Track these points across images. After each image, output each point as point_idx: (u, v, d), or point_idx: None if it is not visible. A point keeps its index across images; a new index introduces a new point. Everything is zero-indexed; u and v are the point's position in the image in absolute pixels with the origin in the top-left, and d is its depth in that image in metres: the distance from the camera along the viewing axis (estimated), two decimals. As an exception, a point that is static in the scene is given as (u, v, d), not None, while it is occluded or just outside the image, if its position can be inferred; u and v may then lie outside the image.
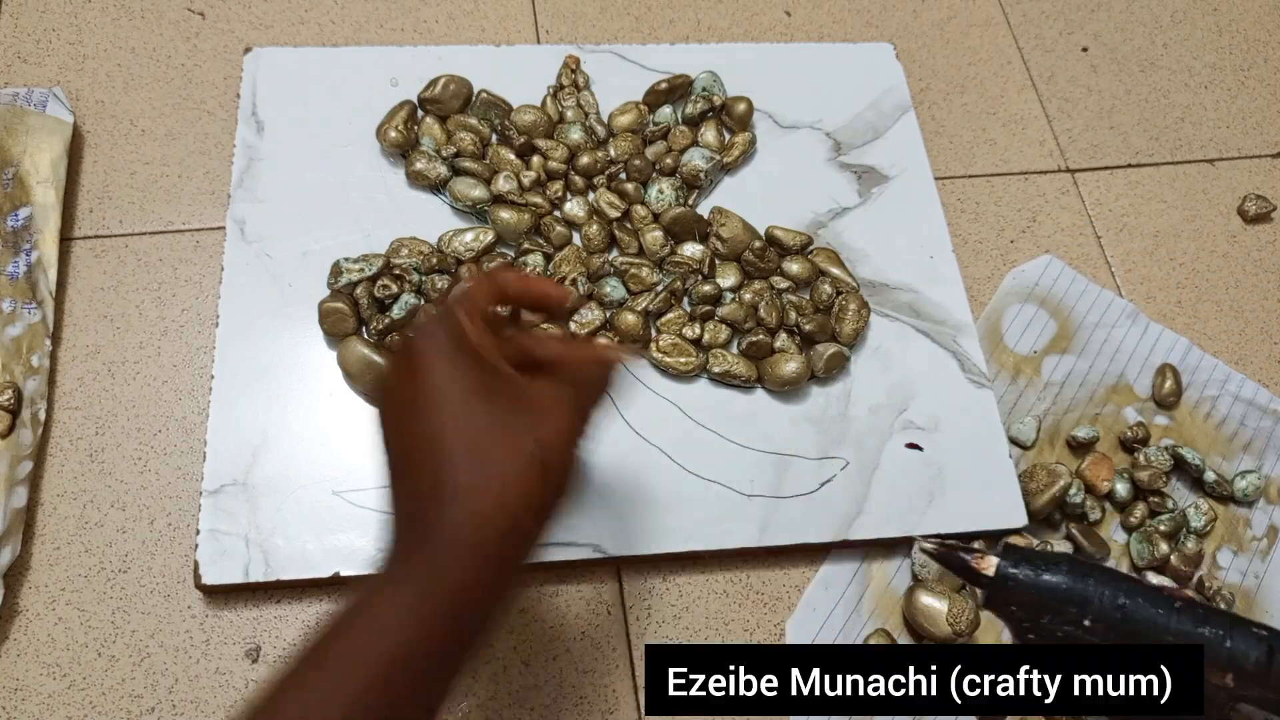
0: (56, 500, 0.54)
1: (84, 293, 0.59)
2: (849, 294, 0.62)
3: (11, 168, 0.59)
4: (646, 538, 0.55)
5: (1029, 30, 0.80)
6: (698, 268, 0.61)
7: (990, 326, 0.66)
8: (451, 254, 0.59)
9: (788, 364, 0.59)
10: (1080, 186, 0.73)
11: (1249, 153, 0.77)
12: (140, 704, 0.50)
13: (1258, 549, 0.61)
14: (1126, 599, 0.47)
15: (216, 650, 0.51)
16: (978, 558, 0.48)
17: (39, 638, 0.51)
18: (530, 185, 0.62)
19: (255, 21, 0.70)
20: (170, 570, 0.53)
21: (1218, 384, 0.66)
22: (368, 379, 0.55)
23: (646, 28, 0.74)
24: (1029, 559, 0.48)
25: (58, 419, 0.56)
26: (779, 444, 0.58)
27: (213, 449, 0.54)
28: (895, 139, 0.70)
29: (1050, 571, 0.47)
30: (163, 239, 0.62)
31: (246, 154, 0.62)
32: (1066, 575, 0.47)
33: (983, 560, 0.48)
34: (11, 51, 0.66)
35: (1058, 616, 0.47)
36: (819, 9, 0.77)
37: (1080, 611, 0.46)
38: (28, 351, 0.55)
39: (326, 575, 0.52)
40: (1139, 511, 0.60)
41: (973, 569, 0.47)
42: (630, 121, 0.66)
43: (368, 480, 0.54)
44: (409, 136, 0.63)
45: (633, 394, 0.59)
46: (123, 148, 0.64)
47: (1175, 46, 0.81)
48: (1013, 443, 0.62)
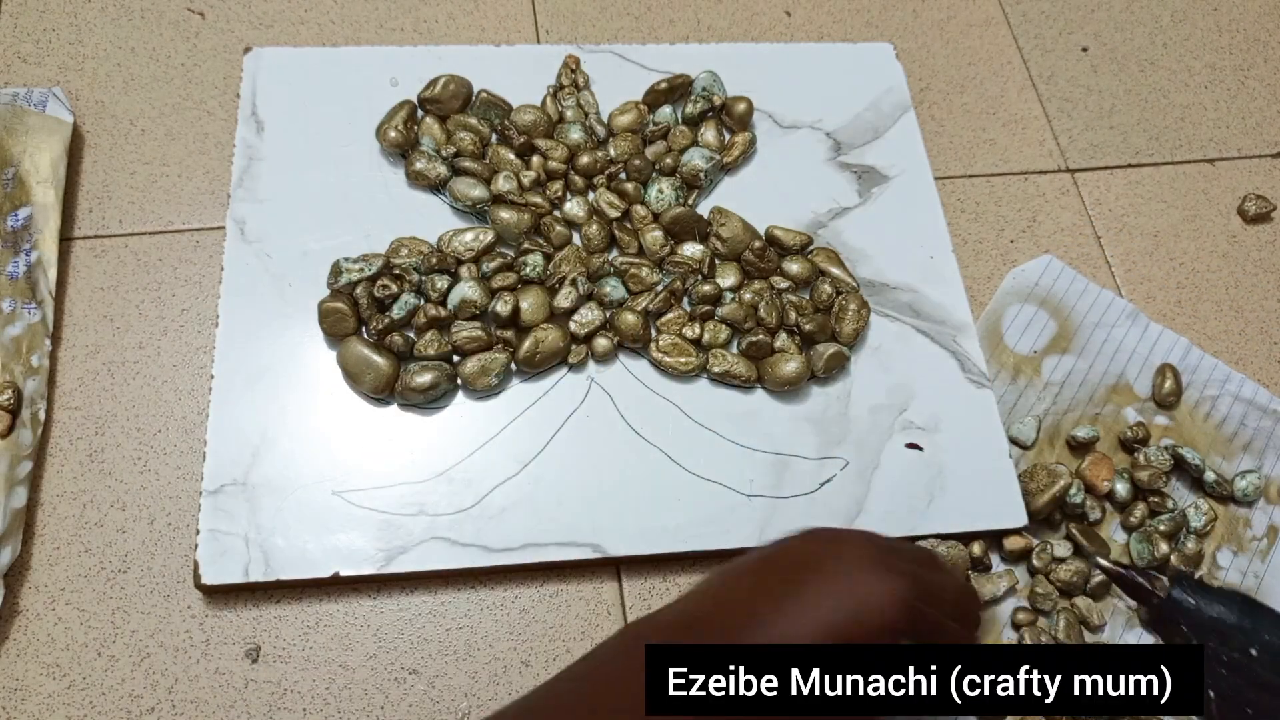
0: (56, 500, 0.54)
1: (84, 292, 0.59)
2: (849, 294, 0.62)
3: (11, 168, 0.59)
4: (646, 538, 0.55)
5: (1029, 30, 0.80)
6: (697, 268, 0.61)
7: (990, 326, 0.66)
8: (451, 254, 0.59)
9: (788, 364, 0.59)
10: (1080, 186, 0.74)
11: (1249, 152, 0.77)
12: (140, 704, 0.50)
13: (1258, 549, 0.61)
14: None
15: (216, 650, 0.51)
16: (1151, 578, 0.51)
17: (39, 638, 0.51)
18: (530, 185, 0.62)
19: (255, 21, 0.70)
20: (170, 570, 0.53)
21: (1218, 384, 0.66)
22: (367, 379, 0.56)
23: (646, 27, 0.74)
24: (1203, 588, 0.51)
25: (57, 419, 0.56)
26: (779, 444, 0.58)
27: (212, 449, 0.54)
28: (895, 139, 0.70)
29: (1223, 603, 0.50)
30: (162, 239, 0.62)
31: (246, 154, 0.62)
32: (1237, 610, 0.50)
33: (1156, 582, 0.51)
34: (11, 51, 0.66)
35: (1225, 644, 0.50)
36: (819, 9, 0.77)
37: (1247, 641, 0.49)
38: (27, 351, 0.55)
39: (326, 575, 0.52)
40: (1139, 511, 0.60)
41: (1145, 589, 0.51)
42: (630, 121, 0.66)
43: (367, 480, 0.54)
44: (409, 136, 0.63)
45: (632, 393, 0.59)
46: (122, 148, 0.64)
47: (1175, 46, 0.81)
48: (1013, 443, 0.62)
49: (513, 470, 0.55)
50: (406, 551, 0.53)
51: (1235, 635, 0.49)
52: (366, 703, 0.51)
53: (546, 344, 0.57)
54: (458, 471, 0.55)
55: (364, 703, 0.51)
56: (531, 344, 0.57)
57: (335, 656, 0.52)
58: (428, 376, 0.55)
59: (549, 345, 0.57)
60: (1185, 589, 0.50)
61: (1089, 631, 0.57)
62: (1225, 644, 0.49)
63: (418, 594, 0.54)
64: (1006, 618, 0.57)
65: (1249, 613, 0.50)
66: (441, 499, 0.54)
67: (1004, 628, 0.57)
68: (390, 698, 0.51)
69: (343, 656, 0.52)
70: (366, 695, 0.51)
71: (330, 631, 0.53)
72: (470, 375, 0.56)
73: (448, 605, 0.54)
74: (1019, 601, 0.58)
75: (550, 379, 0.58)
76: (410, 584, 0.54)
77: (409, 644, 0.53)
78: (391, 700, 0.51)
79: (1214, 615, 0.50)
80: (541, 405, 0.58)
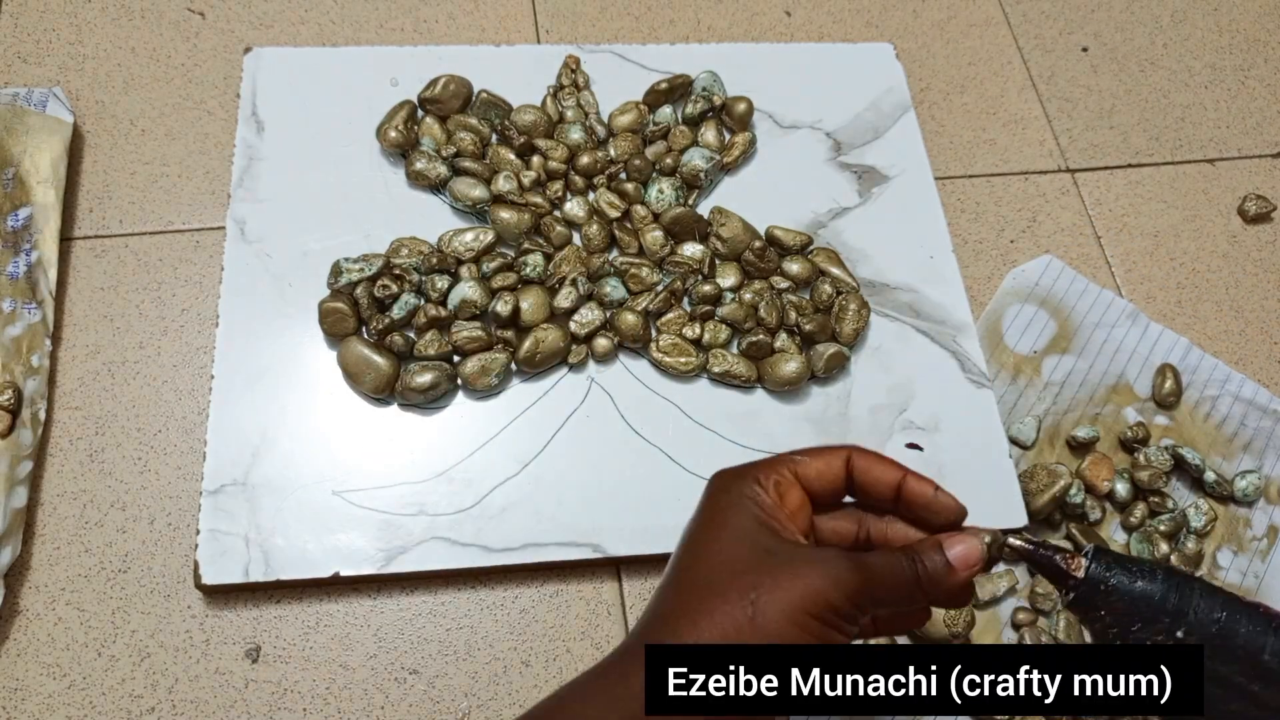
0: (56, 500, 0.54)
1: (84, 292, 0.59)
2: (849, 294, 0.61)
3: (12, 168, 0.59)
4: (647, 537, 0.55)
5: (1029, 30, 0.80)
6: (698, 268, 0.61)
7: (990, 326, 0.66)
8: (451, 254, 0.59)
9: (788, 364, 0.59)
10: (1080, 186, 0.73)
11: (1249, 152, 0.77)
12: (140, 704, 0.50)
13: (1257, 549, 0.61)
14: (1224, 614, 0.46)
15: (216, 650, 0.51)
16: (1067, 557, 0.47)
17: (39, 637, 0.51)
18: (530, 185, 0.62)
19: (255, 21, 0.70)
20: (170, 570, 0.53)
21: (1218, 384, 0.66)
22: (368, 379, 0.56)
23: (647, 27, 0.74)
24: (1123, 564, 0.47)
25: (58, 419, 0.56)
26: (779, 444, 0.58)
27: (213, 449, 0.54)
28: (895, 139, 0.70)
29: (1145, 579, 0.46)
30: (163, 239, 0.62)
31: (246, 154, 0.62)
32: (1162, 584, 0.46)
33: (1073, 561, 0.46)
34: (11, 51, 0.66)
35: (1150, 626, 0.46)
36: (819, 9, 0.77)
37: (1174, 623, 0.45)
38: (28, 351, 0.55)
39: (326, 575, 0.52)
40: (1139, 511, 0.60)
41: (1061, 569, 0.46)
42: (630, 121, 0.66)
43: (367, 480, 0.54)
44: (409, 136, 0.63)
45: (632, 393, 0.59)
46: (123, 148, 0.64)
47: (1175, 46, 0.81)
48: (1013, 443, 0.62)
49: (513, 470, 0.55)
50: (406, 551, 0.53)
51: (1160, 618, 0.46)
52: (367, 703, 0.51)
53: (547, 344, 0.57)
54: (458, 471, 0.55)
55: (364, 703, 0.51)
56: (532, 344, 0.57)
57: (335, 656, 0.52)
58: (428, 376, 0.55)
59: (549, 345, 0.57)
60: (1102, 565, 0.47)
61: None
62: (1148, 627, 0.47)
63: (418, 594, 0.54)
64: (1007, 618, 0.57)
65: (1175, 588, 0.47)
66: (442, 499, 0.54)
67: (1004, 628, 0.57)
68: (390, 698, 0.51)
69: (343, 656, 0.52)
70: (367, 695, 0.51)
71: (330, 631, 0.53)
72: (470, 375, 0.56)
73: (448, 605, 0.54)
74: (1019, 601, 0.58)
75: (550, 379, 0.58)
76: (410, 584, 0.54)
77: (409, 644, 0.53)
78: (391, 700, 0.51)
79: (1140, 594, 0.47)
80: (542, 405, 0.58)
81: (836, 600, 0.35)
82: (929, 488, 0.39)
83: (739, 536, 0.37)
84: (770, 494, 0.38)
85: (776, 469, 0.39)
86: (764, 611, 0.35)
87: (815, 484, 0.40)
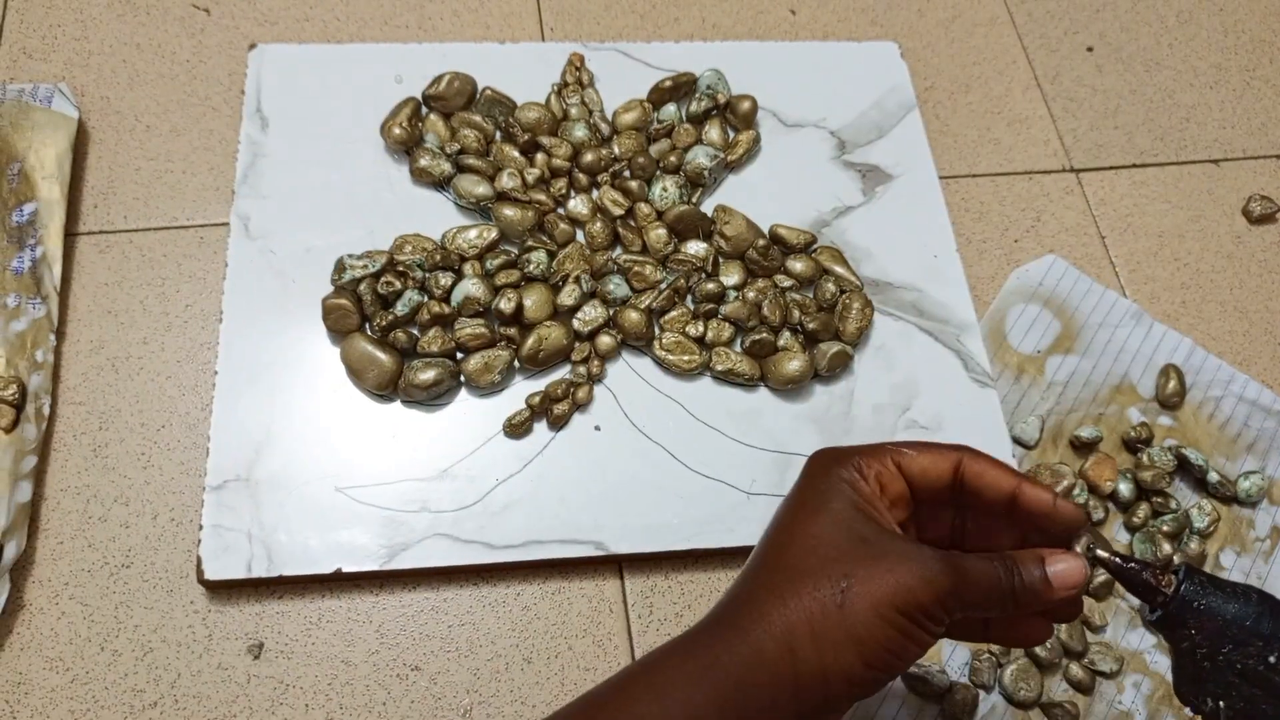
0: (60, 495, 0.54)
1: (88, 288, 0.60)
2: (853, 293, 0.61)
3: (17, 163, 0.59)
4: (649, 535, 0.55)
5: (1034, 30, 0.80)
6: (701, 266, 0.61)
7: (994, 326, 0.66)
8: (455, 251, 0.59)
9: (791, 362, 0.59)
10: (1085, 186, 0.73)
11: (1254, 153, 0.77)
12: (143, 699, 0.50)
13: (1261, 550, 0.61)
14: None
15: (219, 646, 0.51)
16: (1156, 573, 0.46)
17: (42, 632, 0.51)
18: (534, 182, 0.62)
19: (260, 18, 0.70)
20: (173, 565, 0.53)
21: (1221, 385, 0.66)
22: (371, 375, 0.56)
23: (651, 25, 0.74)
24: (1216, 584, 0.46)
25: (62, 414, 0.56)
26: (782, 442, 0.58)
27: (216, 444, 0.54)
28: (899, 138, 0.69)
29: (1240, 601, 0.45)
30: (167, 235, 0.62)
31: (251, 150, 0.62)
32: (1257, 607, 0.45)
33: (1163, 577, 0.46)
34: (17, 47, 0.66)
35: (1240, 649, 0.45)
36: (824, 8, 0.77)
37: (1266, 647, 0.45)
38: (32, 346, 0.55)
39: (329, 571, 0.52)
40: (1142, 512, 0.60)
41: (1151, 585, 0.45)
42: (634, 119, 0.66)
43: (370, 477, 0.54)
44: (413, 133, 0.63)
45: (636, 391, 0.59)
46: (127, 144, 0.64)
47: (1180, 46, 0.81)
48: (1016, 442, 0.62)
49: (515, 467, 0.56)
50: (409, 548, 0.53)
51: (1253, 641, 0.46)
52: (368, 699, 0.51)
53: (550, 341, 0.57)
54: (460, 468, 0.55)
55: (366, 699, 0.51)
56: (535, 341, 0.57)
57: (337, 652, 0.52)
58: (431, 373, 0.55)
59: (552, 343, 0.57)
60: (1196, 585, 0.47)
61: (1091, 632, 0.57)
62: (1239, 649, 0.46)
63: (420, 590, 0.54)
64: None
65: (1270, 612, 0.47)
66: (444, 496, 0.54)
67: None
68: (392, 694, 0.51)
69: (345, 653, 0.52)
70: (368, 691, 0.51)
71: (332, 627, 0.53)
72: (473, 372, 0.57)
73: (450, 602, 0.54)
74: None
75: (553, 376, 0.58)
76: (413, 580, 0.54)
77: (411, 640, 0.53)
78: (393, 696, 0.51)
79: (1228, 616, 0.47)
80: (544, 403, 0.58)
81: (925, 599, 0.35)
82: (1048, 496, 0.38)
83: (836, 522, 0.36)
84: (871, 483, 0.38)
85: (880, 459, 0.38)
86: (853, 601, 0.34)
87: (919, 480, 0.39)
